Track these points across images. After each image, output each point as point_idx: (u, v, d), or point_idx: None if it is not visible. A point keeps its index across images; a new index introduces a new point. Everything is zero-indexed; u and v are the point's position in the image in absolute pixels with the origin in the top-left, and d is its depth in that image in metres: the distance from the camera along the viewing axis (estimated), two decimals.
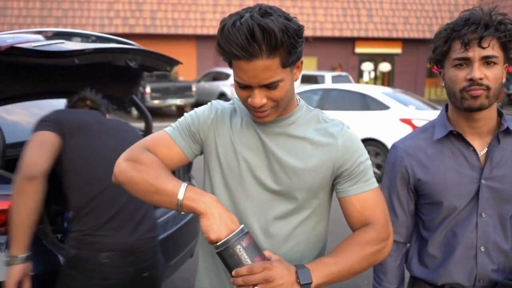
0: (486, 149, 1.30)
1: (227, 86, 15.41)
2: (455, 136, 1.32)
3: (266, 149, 1.19)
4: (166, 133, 1.23)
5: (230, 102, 1.29)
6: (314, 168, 1.17)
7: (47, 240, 1.88)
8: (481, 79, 1.20)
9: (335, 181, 1.22)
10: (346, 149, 1.18)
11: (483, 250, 1.30)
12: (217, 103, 1.27)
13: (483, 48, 1.19)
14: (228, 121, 1.23)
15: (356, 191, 1.19)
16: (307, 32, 20.16)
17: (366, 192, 1.20)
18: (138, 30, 18.60)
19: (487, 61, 1.20)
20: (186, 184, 1.10)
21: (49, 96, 2.42)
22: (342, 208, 1.23)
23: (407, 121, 6.16)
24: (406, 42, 21.67)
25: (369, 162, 1.23)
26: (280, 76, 1.05)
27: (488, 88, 1.21)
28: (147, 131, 2.91)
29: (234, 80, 1.09)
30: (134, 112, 12.66)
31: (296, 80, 1.15)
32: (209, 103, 1.28)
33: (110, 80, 2.64)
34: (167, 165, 1.19)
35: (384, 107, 6.52)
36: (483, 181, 1.28)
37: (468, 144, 1.30)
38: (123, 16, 18.65)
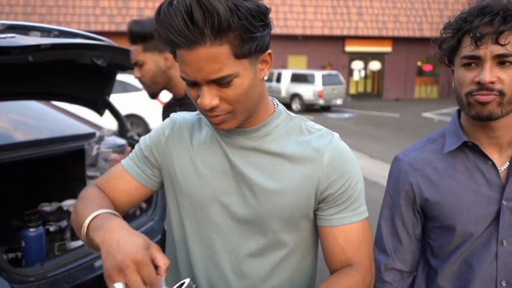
0: (508, 163, 1.09)
1: None
2: (470, 147, 1.11)
3: (234, 169, 0.96)
4: (120, 163, 1.09)
5: (197, 112, 1.07)
6: (292, 191, 0.94)
7: None
8: (492, 82, 0.98)
9: (317, 206, 0.99)
10: (333, 168, 0.95)
11: (504, 285, 1.09)
12: (177, 116, 1.06)
13: (501, 45, 0.97)
14: (188, 137, 1.02)
15: (341, 221, 0.97)
16: (297, 31, 20.00)
17: (352, 224, 0.97)
18: (125, 28, 18.22)
19: (502, 60, 0.98)
20: (100, 212, 0.88)
21: (6, 98, 2.17)
22: (321, 239, 1.00)
23: (157, 98, 8.79)
24: (396, 40, 21.61)
25: (361, 185, 0.99)
26: (233, 69, 0.83)
27: (501, 94, 0.99)
28: (121, 135, 2.67)
29: (180, 77, 0.87)
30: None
31: (263, 78, 0.91)
32: (168, 118, 1.07)
33: (78, 80, 2.39)
34: (120, 198, 1.02)
35: (138, 89, 8.68)
36: (504, 202, 1.07)
37: (485, 158, 1.09)
38: (109, 14, 18.29)
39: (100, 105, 2.71)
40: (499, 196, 1.08)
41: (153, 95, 1.93)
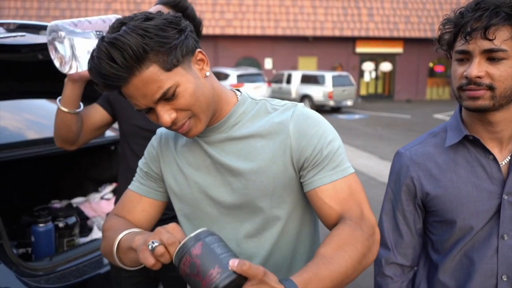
0: (509, 157, 1.09)
1: (227, 86, 15.27)
2: (472, 141, 1.11)
3: (215, 162, 1.03)
4: (127, 189, 1.16)
5: None
6: (267, 165, 0.99)
7: (2, 256, 1.66)
8: (479, 77, 0.99)
9: (299, 174, 1.02)
10: (300, 134, 0.99)
11: (505, 279, 1.09)
12: (162, 128, 1.14)
13: (489, 40, 0.97)
14: (172, 145, 1.10)
15: (322, 181, 0.98)
16: (307, 32, 19.98)
17: (334, 182, 0.98)
18: None
19: (490, 55, 0.99)
20: (129, 231, 0.97)
21: (17, 97, 2.21)
22: (312, 205, 1.02)
23: None
24: (407, 41, 21.47)
25: (336, 144, 1.00)
26: (170, 82, 0.89)
27: (491, 88, 1.00)
28: None
29: (136, 110, 0.94)
30: None
31: (206, 76, 0.96)
32: (156, 133, 1.17)
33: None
34: (139, 218, 1.10)
35: None
36: (505, 197, 1.07)
37: (487, 152, 1.09)
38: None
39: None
40: (500, 190, 1.08)
41: None
